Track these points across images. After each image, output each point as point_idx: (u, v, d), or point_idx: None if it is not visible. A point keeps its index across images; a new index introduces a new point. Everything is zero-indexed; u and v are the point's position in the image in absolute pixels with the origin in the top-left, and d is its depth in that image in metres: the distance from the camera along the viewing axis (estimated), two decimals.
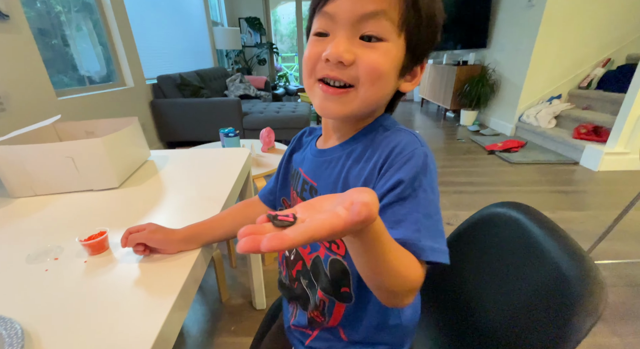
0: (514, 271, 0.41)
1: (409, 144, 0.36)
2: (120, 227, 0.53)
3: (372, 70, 0.34)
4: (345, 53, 0.33)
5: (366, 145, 0.40)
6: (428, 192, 0.33)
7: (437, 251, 0.31)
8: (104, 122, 0.83)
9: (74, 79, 2.17)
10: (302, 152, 0.51)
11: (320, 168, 0.44)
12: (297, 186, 0.49)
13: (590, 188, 2.12)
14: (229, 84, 3.83)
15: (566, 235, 0.37)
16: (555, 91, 3.19)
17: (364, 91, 0.35)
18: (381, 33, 0.33)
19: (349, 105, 0.36)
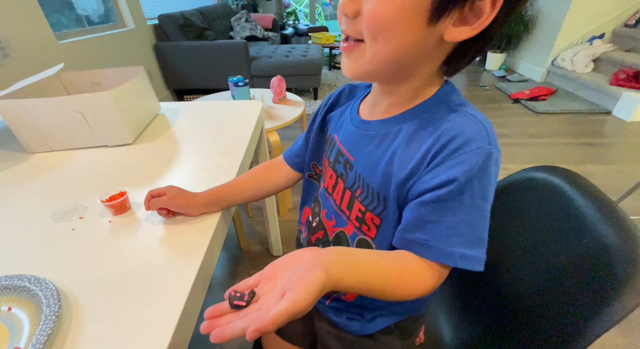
0: (550, 240, 0.39)
1: (473, 138, 0.30)
2: (139, 187, 0.53)
3: (371, 21, 0.28)
4: (349, 3, 0.29)
5: (422, 125, 0.34)
6: (476, 198, 0.30)
7: (469, 259, 0.30)
8: (110, 71, 0.78)
9: (71, 19, 2.02)
10: (340, 115, 0.46)
11: (361, 142, 0.39)
12: (330, 153, 0.45)
13: (619, 140, 2.00)
14: (234, 23, 3.54)
15: (613, 205, 0.34)
16: (598, 29, 2.81)
17: (370, 47, 0.30)
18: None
19: (358, 62, 0.32)
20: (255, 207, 1.53)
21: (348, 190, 0.41)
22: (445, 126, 0.32)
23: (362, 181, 0.39)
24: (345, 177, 0.41)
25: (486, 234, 0.31)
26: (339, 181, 0.43)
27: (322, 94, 3.00)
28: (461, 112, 0.33)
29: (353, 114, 0.43)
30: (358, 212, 0.40)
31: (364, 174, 0.38)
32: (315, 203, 0.49)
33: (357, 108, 0.43)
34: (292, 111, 1.38)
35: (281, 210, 1.47)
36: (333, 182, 0.44)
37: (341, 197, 0.42)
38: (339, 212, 0.43)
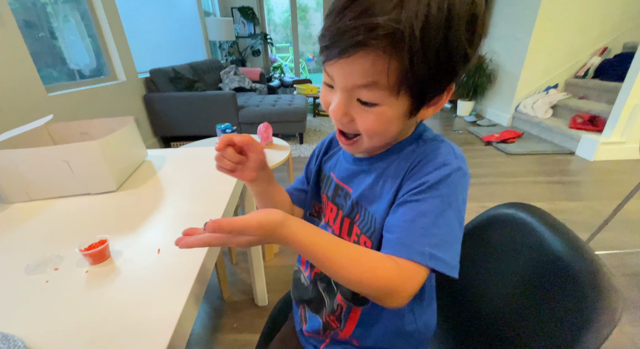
0: (525, 276, 0.41)
1: (445, 154, 0.36)
2: (120, 234, 0.52)
3: (367, 131, 0.36)
4: (343, 117, 0.36)
5: (404, 156, 0.40)
6: (446, 204, 0.33)
7: (438, 260, 0.31)
8: (99, 122, 0.80)
9: (63, 73, 2.10)
10: (335, 157, 0.51)
11: (358, 176, 0.44)
12: (327, 190, 0.50)
13: (586, 178, 2.14)
14: (223, 76, 3.76)
15: (577, 239, 0.37)
16: (551, 80, 3.18)
17: (367, 141, 0.38)
18: (373, 99, 0.33)
19: (361, 147, 0.39)
20: (239, 253, 1.48)
21: (347, 218, 0.45)
22: (423, 150, 0.38)
23: (359, 206, 0.43)
24: (344, 207, 0.45)
25: (456, 244, 0.33)
26: (339, 212, 0.46)
27: (308, 139, 3.12)
28: (435, 141, 0.40)
29: (346, 153, 0.48)
30: (355, 237, 0.43)
31: (361, 201, 0.42)
32: None
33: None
34: (278, 154, 1.42)
35: (267, 255, 1.42)
36: (334, 214, 0.48)
37: (340, 225, 0.46)
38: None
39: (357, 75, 0.31)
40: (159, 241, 0.50)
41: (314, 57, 7.45)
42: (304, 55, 6.10)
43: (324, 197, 0.51)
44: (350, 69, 0.31)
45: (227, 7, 5.01)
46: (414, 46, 0.28)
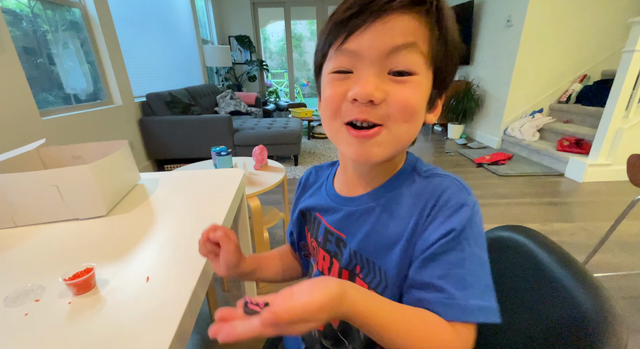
0: (524, 302, 0.40)
1: (455, 193, 0.34)
2: (108, 261, 0.50)
3: (405, 107, 0.31)
4: (376, 91, 0.30)
5: (404, 194, 0.36)
6: (473, 246, 0.31)
7: (485, 310, 0.29)
8: (92, 145, 0.80)
9: (59, 98, 2.12)
10: (317, 196, 0.46)
11: (349, 219, 0.39)
12: (316, 234, 0.44)
13: (577, 199, 2.17)
14: (220, 100, 3.83)
15: (576, 262, 0.37)
16: (536, 105, 3.31)
17: (397, 129, 0.32)
18: (412, 66, 0.30)
19: (384, 146, 0.33)
20: (232, 280, 1.43)
21: (345, 270, 0.40)
22: (430, 187, 0.35)
23: (359, 257, 0.38)
24: (340, 257, 0.40)
25: (491, 282, 0.32)
26: (334, 261, 0.41)
27: (302, 161, 3.14)
28: (434, 174, 0.37)
29: (330, 192, 0.43)
30: None
31: (361, 250, 0.37)
32: None
33: (332, 186, 0.44)
34: (273, 176, 1.42)
35: (260, 282, 1.38)
36: (327, 264, 0.42)
37: (339, 278, 0.39)
38: None
39: (397, 34, 0.29)
40: (149, 268, 0.49)
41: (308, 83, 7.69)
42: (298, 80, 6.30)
43: (312, 242, 0.46)
44: (388, 30, 0.29)
45: (224, 35, 5.21)
46: (445, 22, 0.30)
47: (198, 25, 4.15)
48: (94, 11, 2.26)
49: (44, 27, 2.02)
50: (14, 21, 1.83)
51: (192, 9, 3.99)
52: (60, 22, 2.14)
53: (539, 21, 2.93)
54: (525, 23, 2.93)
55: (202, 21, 4.50)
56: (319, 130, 4.03)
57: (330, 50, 0.33)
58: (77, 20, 2.25)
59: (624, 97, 2.20)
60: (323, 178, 0.47)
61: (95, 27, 2.31)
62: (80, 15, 2.24)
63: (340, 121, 0.34)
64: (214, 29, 4.86)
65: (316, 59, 0.37)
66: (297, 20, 5.48)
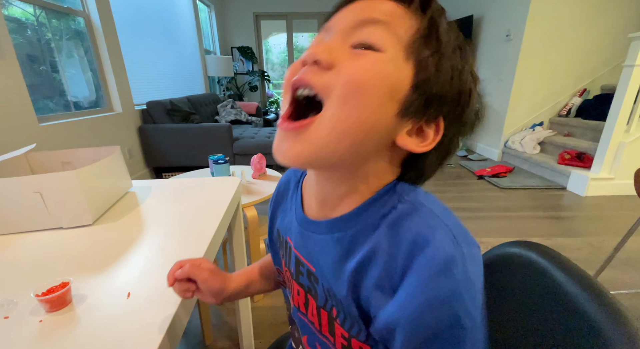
0: (538, 322, 0.36)
1: (438, 242, 0.24)
2: (88, 275, 0.47)
3: (350, 78, 0.25)
4: (325, 53, 0.25)
5: (378, 226, 0.28)
6: (468, 328, 0.24)
7: None
8: (83, 151, 0.77)
9: (60, 105, 2.11)
10: (288, 212, 0.39)
11: (315, 247, 0.32)
12: (289, 262, 0.37)
13: (580, 214, 2.13)
14: (220, 109, 3.84)
15: (593, 281, 0.33)
16: (537, 118, 3.31)
17: (332, 114, 0.25)
18: (375, 41, 0.25)
19: (310, 139, 0.26)
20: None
21: (323, 310, 0.33)
22: (401, 230, 0.26)
23: (333, 297, 0.31)
24: (314, 293, 0.33)
25: None
26: (309, 297, 0.34)
27: None
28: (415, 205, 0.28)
29: (298, 210, 0.36)
30: (342, 339, 0.31)
31: (333, 289, 0.31)
32: (293, 326, 0.42)
33: (300, 202, 0.36)
34: (271, 185, 1.39)
35: (255, 296, 1.33)
36: (303, 299, 0.36)
37: (318, 319, 0.34)
38: (323, 338, 0.34)
39: (370, 10, 0.26)
40: (131, 282, 0.45)
41: None
42: None
43: (286, 271, 0.39)
44: (365, 7, 0.26)
45: (227, 46, 5.29)
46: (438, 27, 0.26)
47: (201, 36, 4.21)
48: (97, 20, 2.29)
49: (48, 35, 2.04)
50: (19, 29, 1.84)
51: (195, 19, 4.05)
52: (65, 31, 2.16)
53: (538, 36, 2.97)
54: (524, 37, 2.97)
55: (205, 32, 4.57)
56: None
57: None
58: (81, 29, 2.27)
59: (625, 111, 2.19)
60: (291, 194, 0.40)
61: (99, 35, 2.33)
62: (84, 24, 2.26)
63: (288, 97, 0.28)
64: (217, 40, 4.93)
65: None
66: (299, 33, 5.56)
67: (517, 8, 3.02)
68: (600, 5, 2.86)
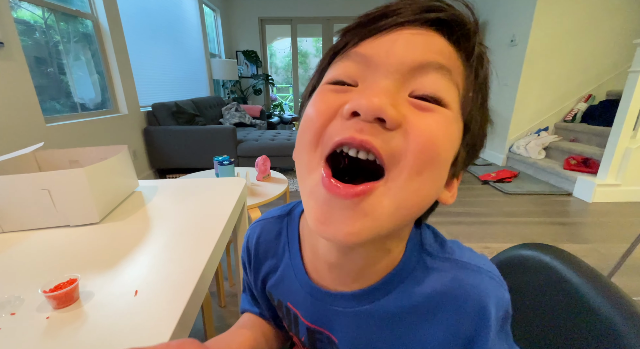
0: (555, 325, 0.35)
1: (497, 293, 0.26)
2: (96, 271, 0.47)
3: (430, 142, 0.20)
4: (391, 107, 0.19)
5: (414, 294, 0.26)
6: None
7: None
8: (91, 150, 0.77)
9: (66, 106, 2.13)
10: (284, 280, 0.33)
11: (338, 320, 0.29)
12: (297, 331, 0.33)
13: (587, 220, 2.11)
14: (225, 112, 3.86)
15: (612, 285, 0.33)
16: (542, 123, 3.30)
17: (404, 180, 0.20)
18: (444, 95, 0.21)
19: (374, 211, 0.20)
20: (229, 294, 1.37)
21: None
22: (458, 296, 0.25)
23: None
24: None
25: None
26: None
27: None
28: (460, 264, 0.26)
29: (303, 280, 0.30)
30: None
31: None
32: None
33: (302, 269, 0.31)
34: (275, 187, 1.39)
35: None
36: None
37: None
38: None
39: (429, 50, 0.21)
40: (138, 280, 0.45)
41: None
42: None
43: (294, 338, 0.35)
44: (419, 42, 0.21)
45: (232, 50, 5.33)
46: (481, 72, 0.23)
47: (207, 40, 4.25)
48: (105, 23, 2.32)
49: (56, 38, 2.07)
50: (28, 31, 1.87)
51: (201, 24, 4.10)
52: (73, 34, 2.19)
53: (543, 41, 2.96)
54: (529, 42, 2.96)
55: (210, 36, 4.61)
56: None
57: (334, 60, 0.24)
58: (89, 31, 2.30)
59: (631, 117, 2.18)
60: (280, 251, 0.34)
61: (106, 38, 2.36)
62: (92, 26, 2.29)
63: (322, 151, 0.22)
64: (222, 44, 4.97)
65: (308, 87, 0.28)
66: (304, 37, 5.60)
67: (522, 13, 3.02)
68: (605, 11, 2.86)
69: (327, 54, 0.25)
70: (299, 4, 5.14)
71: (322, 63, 0.26)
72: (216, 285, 1.34)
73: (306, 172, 0.23)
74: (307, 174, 0.23)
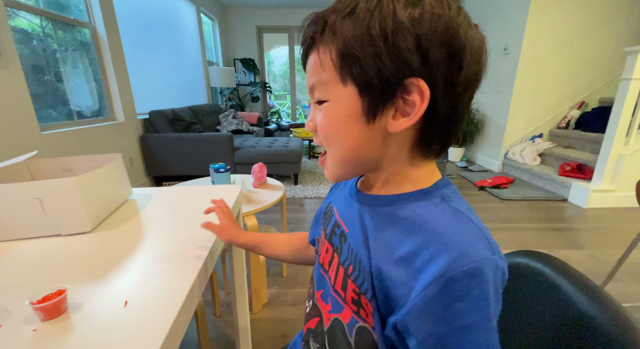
0: (546, 334, 0.35)
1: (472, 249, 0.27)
2: (86, 282, 0.46)
3: (322, 132, 0.35)
4: (309, 123, 0.37)
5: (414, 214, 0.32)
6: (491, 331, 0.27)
7: None
8: (84, 158, 0.77)
9: (62, 114, 2.13)
10: (341, 190, 0.46)
11: (355, 213, 0.38)
12: (327, 226, 0.44)
13: (582, 226, 2.12)
14: (222, 119, 3.87)
15: (602, 292, 0.33)
16: (536, 130, 3.34)
17: (329, 153, 0.36)
18: (322, 96, 0.33)
19: (328, 168, 0.37)
20: (224, 303, 1.35)
21: (341, 266, 0.38)
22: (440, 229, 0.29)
23: (354, 255, 0.36)
24: (340, 251, 0.39)
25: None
26: (335, 255, 0.40)
27: (302, 180, 3.11)
28: (453, 209, 0.31)
29: (352, 186, 0.43)
30: (353, 294, 0.35)
31: (356, 249, 0.36)
32: (311, 283, 0.46)
33: (355, 181, 0.43)
34: (272, 194, 1.38)
35: (254, 306, 1.30)
36: (329, 257, 0.41)
37: (335, 274, 0.39)
38: (334, 293, 0.38)
39: (310, 73, 0.34)
40: (129, 290, 0.44)
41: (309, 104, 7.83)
42: (300, 102, 6.42)
43: (322, 233, 0.45)
44: (309, 70, 0.34)
45: (230, 58, 5.38)
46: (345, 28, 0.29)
47: (204, 48, 4.29)
48: (103, 31, 2.33)
49: (54, 46, 2.08)
50: (25, 40, 1.88)
51: (199, 32, 4.14)
52: (70, 42, 2.20)
53: (536, 49, 3.02)
54: (522, 51, 3.02)
55: (208, 44, 4.66)
56: (319, 149, 4.04)
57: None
58: (87, 40, 2.31)
59: (623, 123, 2.21)
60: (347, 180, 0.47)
61: (104, 46, 2.38)
62: (89, 35, 2.31)
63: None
64: (220, 52, 5.02)
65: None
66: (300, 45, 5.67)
67: (515, 22, 3.08)
68: (596, 20, 2.93)
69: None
70: (296, 14, 5.22)
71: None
72: (211, 294, 1.33)
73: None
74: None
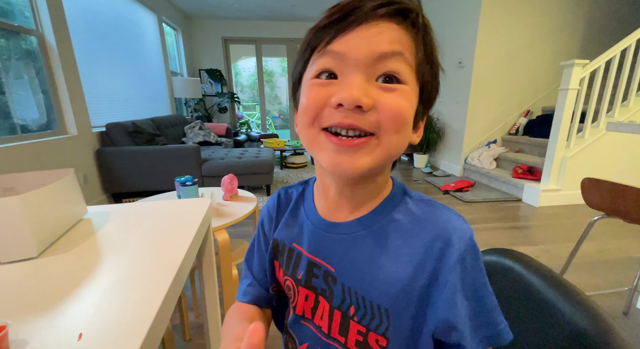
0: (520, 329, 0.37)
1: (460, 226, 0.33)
2: (31, 316, 0.40)
3: (396, 114, 0.29)
4: (365, 96, 0.28)
5: (400, 220, 0.34)
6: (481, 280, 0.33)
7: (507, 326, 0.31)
8: (29, 175, 0.69)
9: (3, 128, 1.92)
10: (294, 223, 0.40)
11: (337, 248, 0.35)
12: (295, 270, 0.38)
13: (536, 223, 2.29)
14: (188, 131, 3.73)
15: (568, 284, 0.35)
16: (491, 136, 3.61)
17: (388, 139, 0.29)
18: (402, 74, 0.29)
19: (372, 155, 0.30)
20: (194, 326, 1.27)
21: (337, 310, 0.34)
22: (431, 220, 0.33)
23: (354, 295, 0.33)
24: (329, 294, 0.35)
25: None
26: (321, 300, 0.36)
27: (275, 190, 3.05)
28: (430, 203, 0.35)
29: (312, 215, 0.38)
30: (358, 335, 0.33)
31: (355, 287, 0.33)
32: (287, 337, 0.41)
33: (314, 208, 0.38)
34: (243, 207, 1.34)
35: None
36: (311, 304, 0.37)
37: (329, 321, 0.35)
38: (331, 341, 0.35)
39: (385, 41, 0.28)
40: (83, 321, 0.39)
41: (280, 115, 7.83)
42: (270, 113, 6.39)
43: (287, 280, 0.39)
44: (377, 35, 0.28)
45: (195, 68, 5.24)
46: (430, 39, 0.30)
47: (167, 58, 4.14)
48: (52, 39, 2.17)
49: None
50: None
51: (161, 42, 3.99)
52: (14, 51, 2.01)
53: (487, 63, 3.30)
54: (475, 65, 3.28)
55: (172, 54, 4.51)
56: (291, 160, 4.03)
57: (314, 55, 0.31)
58: (33, 48, 2.13)
59: (564, 129, 2.46)
60: (295, 199, 0.42)
61: (53, 55, 2.20)
62: (37, 43, 2.13)
63: (319, 127, 0.31)
64: (184, 62, 4.87)
65: (295, 72, 0.34)
66: (269, 57, 5.69)
67: (467, 38, 3.35)
68: (537, 37, 3.27)
69: (305, 49, 0.32)
70: (263, 26, 5.24)
71: (304, 56, 0.32)
72: (180, 317, 1.24)
73: (312, 139, 0.32)
74: (313, 140, 0.31)
